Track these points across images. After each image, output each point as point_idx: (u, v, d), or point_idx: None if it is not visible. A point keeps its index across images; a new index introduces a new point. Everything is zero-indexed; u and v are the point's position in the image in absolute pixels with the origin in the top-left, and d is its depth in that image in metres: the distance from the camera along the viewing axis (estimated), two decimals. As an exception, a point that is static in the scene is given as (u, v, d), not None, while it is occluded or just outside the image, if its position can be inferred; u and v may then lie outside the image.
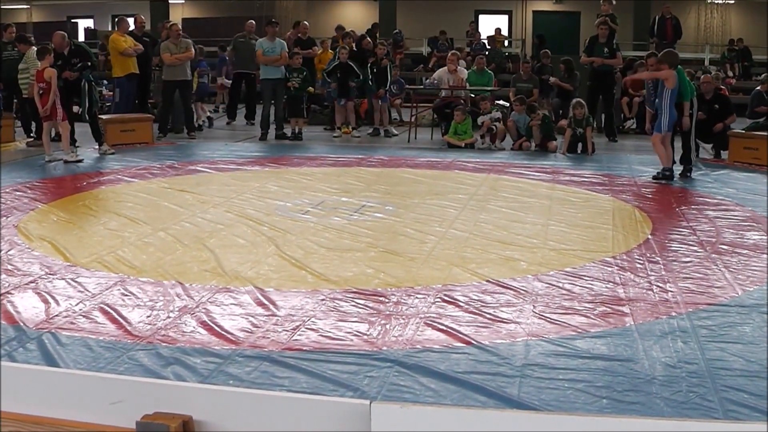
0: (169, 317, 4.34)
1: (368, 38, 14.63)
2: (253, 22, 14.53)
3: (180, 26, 13.19)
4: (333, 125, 13.40)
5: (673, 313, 4.40)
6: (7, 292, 4.75)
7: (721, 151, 10.70)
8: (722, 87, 12.66)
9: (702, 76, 11.03)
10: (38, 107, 9.92)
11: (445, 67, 12.81)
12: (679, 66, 8.93)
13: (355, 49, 13.21)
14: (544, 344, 3.95)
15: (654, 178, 8.78)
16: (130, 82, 12.44)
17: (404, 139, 12.57)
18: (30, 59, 11.04)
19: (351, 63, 12.71)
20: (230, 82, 15.37)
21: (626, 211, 7.22)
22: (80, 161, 9.92)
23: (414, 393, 3.39)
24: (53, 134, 10.65)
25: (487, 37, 21.35)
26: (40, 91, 9.81)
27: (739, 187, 8.44)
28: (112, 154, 10.63)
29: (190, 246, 5.87)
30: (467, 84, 12.66)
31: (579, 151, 10.99)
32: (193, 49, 12.71)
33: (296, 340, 4.00)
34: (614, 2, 12.63)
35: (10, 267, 5.31)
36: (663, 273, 5.19)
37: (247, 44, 13.76)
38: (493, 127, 11.62)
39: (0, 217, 6.75)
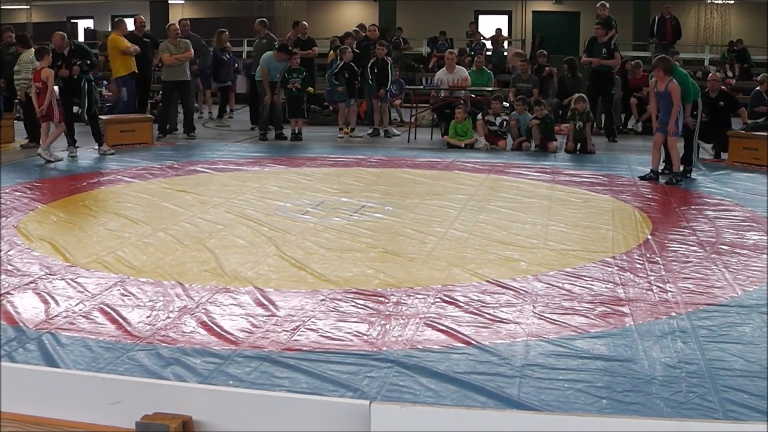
0: (168, 317, 4.34)
1: (375, 26, 14.61)
2: (266, 20, 14.45)
3: (178, 27, 13.13)
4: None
5: (673, 314, 4.41)
6: (7, 293, 4.75)
7: (721, 152, 10.69)
8: (723, 87, 12.65)
9: (710, 75, 11.04)
10: (35, 107, 9.91)
11: (444, 68, 12.80)
12: (680, 69, 8.93)
13: (356, 50, 13.20)
14: (543, 344, 3.95)
15: (667, 183, 8.69)
16: (132, 82, 12.44)
17: (404, 140, 12.57)
18: (22, 62, 11.03)
19: (353, 64, 12.73)
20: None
21: (626, 212, 7.22)
22: (59, 160, 9.87)
23: (414, 393, 3.39)
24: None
25: (490, 37, 21.35)
26: (37, 91, 9.80)
27: (739, 187, 8.44)
28: (112, 154, 10.63)
29: (189, 246, 5.87)
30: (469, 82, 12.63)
31: (578, 151, 11.00)
32: (192, 50, 12.69)
33: (296, 340, 4.01)
34: (607, 6, 12.62)
35: (10, 267, 5.31)
36: (663, 273, 5.19)
37: (259, 44, 13.72)
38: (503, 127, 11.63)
39: (0, 217, 6.75)
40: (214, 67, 14.56)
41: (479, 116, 11.80)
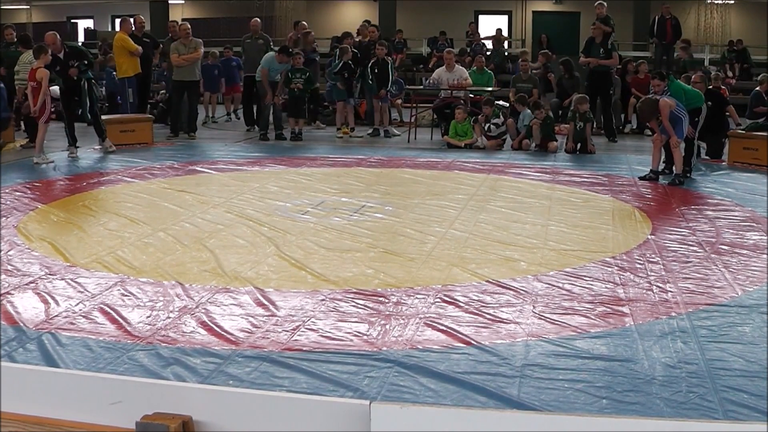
0: (168, 317, 4.34)
1: (374, 27, 14.61)
2: (258, 20, 14.42)
3: (189, 27, 13.10)
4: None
5: (673, 314, 4.41)
6: (7, 293, 4.75)
7: (716, 152, 10.66)
8: (722, 87, 12.62)
9: (693, 76, 11.02)
10: (30, 105, 9.92)
11: (444, 66, 12.79)
12: (677, 81, 9.00)
13: (355, 49, 13.21)
14: (543, 344, 3.95)
15: (670, 184, 8.68)
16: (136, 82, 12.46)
17: (404, 140, 12.56)
18: (22, 62, 11.02)
19: (351, 63, 12.75)
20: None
21: (626, 212, 7.22)
22: (50, 162, 9.84)
23: (414, 393, 3.39)
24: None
25: (491, 37, 21.34)
26: (31, 91, 9.79)
27: (739, 187, 8.44)
28: (113, 151, 10.64)
29: (189, 246, 5.87)
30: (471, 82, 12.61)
31: (578, 151, 11.00)
32: (202, 49, 12.68)
33: (296, 340, 4.01)
34: (605, 5, 12.60)
35: (10, 267, 5.31)
36: (663, 273, 5.19)
37: (254, 44, 13.70)
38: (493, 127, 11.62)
39: (0, 217, 6.75)
40: None
41: (473, 119, 11.80)
